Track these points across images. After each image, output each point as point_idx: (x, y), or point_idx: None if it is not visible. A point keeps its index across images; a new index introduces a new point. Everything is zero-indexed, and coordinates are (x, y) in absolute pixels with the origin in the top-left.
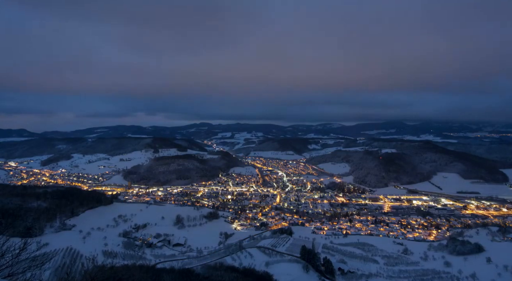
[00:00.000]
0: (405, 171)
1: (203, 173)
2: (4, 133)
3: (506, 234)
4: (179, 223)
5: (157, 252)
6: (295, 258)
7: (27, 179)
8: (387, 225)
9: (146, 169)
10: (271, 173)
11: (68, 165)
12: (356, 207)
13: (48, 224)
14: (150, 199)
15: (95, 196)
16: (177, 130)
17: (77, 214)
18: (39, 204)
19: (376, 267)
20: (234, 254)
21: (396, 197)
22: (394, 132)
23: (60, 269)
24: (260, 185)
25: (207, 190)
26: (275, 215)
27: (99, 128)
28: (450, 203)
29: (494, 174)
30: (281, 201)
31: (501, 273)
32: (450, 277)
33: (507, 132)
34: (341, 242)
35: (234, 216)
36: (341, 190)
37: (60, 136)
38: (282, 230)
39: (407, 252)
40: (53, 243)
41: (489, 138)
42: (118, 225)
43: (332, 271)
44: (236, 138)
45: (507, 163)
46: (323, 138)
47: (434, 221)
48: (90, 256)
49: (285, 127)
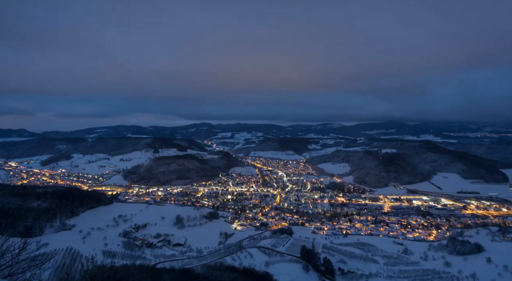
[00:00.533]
0: (405, 171)
1: (203, 173)
2: (4, 133)
3: (506, 234)
4: (179, 223)
5: (157, 252)
6: (295, 258)
7: (27, 179)
8: (387, 225)
9: (146, 169)
10: (271, 173)
11: (68, 165)
12: (356, 207)
13: (48, 224)
14: (150, 199)
15: (95, 196)
16: (177, 130)
17: (77, 214)
18: (39, 204)
19: (376, 267)
20: (234, 254)
21: (396, 197)
22: (394, 132)
23: (60, 269)
24: (260, 185)
25: (207, 190)
26: (275, 215)
27: (99, 128)
28: (450, 203)
29: (494, 174)
30: (281, 201)
31: (501, 273)
32: (450, 277)
33: (507, 132)
34: (341, 242)
35: (234, 216)
36: (341, 190)
37: (60, 136)
38: (282, 230)
39: (407, 252)
40: (53, 243)
41: (489, 138)
42: (118, 225)
43: (332, 271)
44: (236, 138)
45: (507, 163)
46: (323, 138)
47: (434, 221)
48: (90, 256)
49: (285, 127)
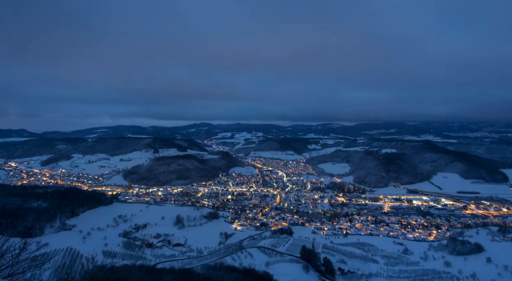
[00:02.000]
0: (405, 171)
1: (203, 173)
2: (4, 133)
3: (506, 234)
4: (179, 223)
5: (157, 252)
6: (295, 258)
7: (27, 179)
8: (387, 225)
9: (146, 169)
10: (271, 173)
11: (68, 165)
12: (356, 207)
13: (48, 224)
14: (150, 199)
15: (95, 196)
16: (177, 130)
17: (77, 214)
18: (39, 204)
19: (376, 267)
20: (234, 254)
21: (396, 197)
22: (394, 132)
23: (60, 269)
24: (260, 185)
25: (207, 190)
26: (275, 215)
27: (99, 128)
28: (450, 203)
29: (494, 174)
30: (281, 201)
31: (501, 273)
32: (450, 277)
33: (507, 132)
34: (341, 242)
35: (234, 216)
36: (341, 190)
37: (60, 136)
38: (282, 230)
39: (407, 252)
40: (53, 243)
41: (489, 138)
42: (118, 225)
43: (332, 271)
44: (236, 138)
45: (507, 163)
46: (323, 138)
47: (434, 221)
48: (90, 256)
49: (285, 127)
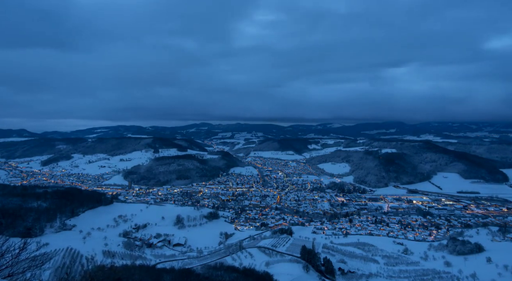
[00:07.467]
0: (405, 171)
1: (203, 173)
2: (4, 133)
3: (506, 234)
4: (179, 223)
5: (157, 252)
6: (295, 258)
7: (27, 179)
8: (387, 225)
9: (146, 169)
10: (271, 173)
11: (68, 165)
12: (356, 207)
13: (48, 224)
14: (150, 199)
15: (95, 196)
16: (177, 130)
17: (77, 214)
18: (39, 204)
19: (376, 267)
20: (234, 254)
21: (396, 197)
22: (394, 132)
23: (60, 269)
24: (260, 185)
25: (207, 190)
26: (275, 215)
27: (99, 128)
28: (450, 203)
29: (494, 174)
30: (281, 201)
31: (501, 273)
32: (450, 277)
33: (507, 132)
34: (341, 242)
35: (234, 216)
36: (341, 190)
37: (60, 136)
38: (282, 230)
39: (407, 252)
40: (53, 243)
41: (489, 138)
42: (118, 225)
43: (332, 271)
44: (236, 138)
45: (507, 163)
46: (323, 138)
47: (434, 221)
48: (90, 256)
49: (285, 127)
